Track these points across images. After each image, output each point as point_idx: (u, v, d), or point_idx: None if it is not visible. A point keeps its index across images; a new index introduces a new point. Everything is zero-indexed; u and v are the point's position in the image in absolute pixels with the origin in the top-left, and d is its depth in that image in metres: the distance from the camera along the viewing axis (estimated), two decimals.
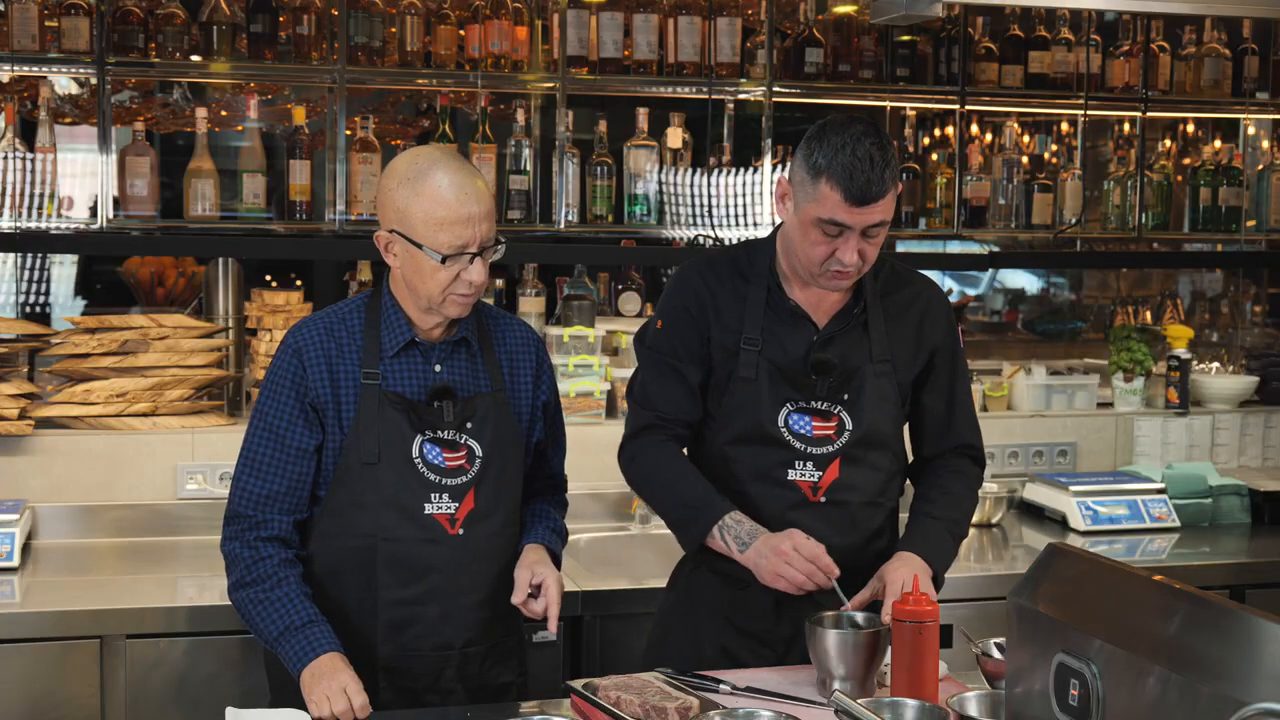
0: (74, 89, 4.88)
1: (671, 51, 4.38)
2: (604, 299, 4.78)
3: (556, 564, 2.69)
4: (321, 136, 4.43)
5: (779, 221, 2.72)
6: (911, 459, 2.88)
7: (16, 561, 3.40)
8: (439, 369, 2.59)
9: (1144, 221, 4.85)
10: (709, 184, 4.43)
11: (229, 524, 2.58)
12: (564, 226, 4.32)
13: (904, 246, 4.89)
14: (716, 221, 4.41)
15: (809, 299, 2.70)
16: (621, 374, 4.02)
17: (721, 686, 2.48)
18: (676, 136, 4.46)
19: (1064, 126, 5.23)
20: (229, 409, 4.08)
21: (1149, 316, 5.46)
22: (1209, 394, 4.69)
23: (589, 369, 4.16)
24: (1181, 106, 5.02)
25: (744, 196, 4.43)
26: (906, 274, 2.82)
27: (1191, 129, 5.42)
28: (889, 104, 4.78)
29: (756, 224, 4.42)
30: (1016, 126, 4.89)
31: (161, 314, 4.03)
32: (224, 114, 4.82)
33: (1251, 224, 5.05)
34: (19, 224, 3.93)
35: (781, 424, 2.67)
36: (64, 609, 3.13)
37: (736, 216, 4.44)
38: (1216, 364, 4.92)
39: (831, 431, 2.68)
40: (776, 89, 4.42)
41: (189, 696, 3.12)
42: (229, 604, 2.59)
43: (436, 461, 2.55)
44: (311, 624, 2.47)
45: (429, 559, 2.54)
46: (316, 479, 2.58)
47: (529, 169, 4.31)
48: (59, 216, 3.98)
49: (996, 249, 4.84)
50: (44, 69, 4.11)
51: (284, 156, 4.19)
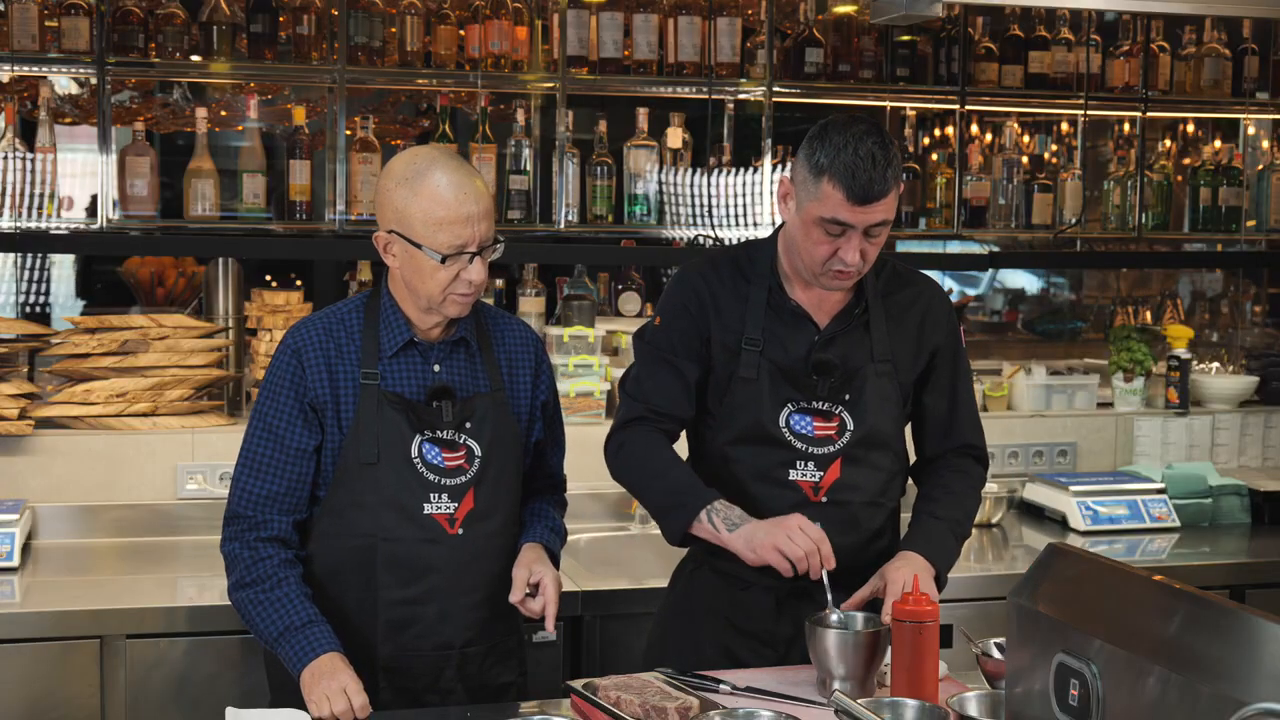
0: (74, 89, 4.88)
1: (671, 51, 4.38)
2: (604, 299, 4.78)
3: (555, 563, 2.69)
4: (321, 136, 4.43)
5: (779, 222, 2.72)
6: (914, 459, 2.87)
7: (16, 561, 3.40)
8: (438, 369, 2.60)
9: (1144, 221, 4.85)
10: (709, 184, 4.42)
11: (228, 524, 2.59)
12: (564, 226, 4.32)
13: (904, 246, 4.89)
14: (716, 221, 4.41)
15: (810, 299, 2.70)
16: (622, 374, 4.01)
17: (721, 686, 2.48)
18: (676, 136, 4.46)
19: (1064, 126, 5.23)
20: (229, 409, 4.08)
21: (1149, 316, 5.46)
22: (1209, 394, 4.69)
23: (589, 369, 4.16)
24: (1181, 106, 5.02)
25: (744, 196, 4.43)
26: (908, 274, 2.82)
27: (1191, 129, 5.42)
28: (889, 104, 4.78)
29: (756, 224, 4.42)
30: (1016, 126, 4.89)
31: (161, 314, 4.03)
32: (224, 114, 4.82)
33: (1251, 224, 5.05)
34: (19, 224, 3.93)
35: (782, 424, 2.67)
36: (64, 609, 3.13)
37: (736, 216, 4.43)
38: (1216, 364, 4.92)
39: (833, 432, 2.68)
40: (776, 89, 4.42)
41: (189, 696, 3.12)
42: (229, 604, 2.59)
43: (436, 461, 2.55)
44: (311, 624, 2.48)
45: (429, 559, 2.54)
46: (316, 479, 2.58)
47: (529, 169, 4.31)
48: (59, 216, 3.98)
49: (996, 249, 4.84)
50: (44, 69, 4.11)
51: (284, 156, 4.20)
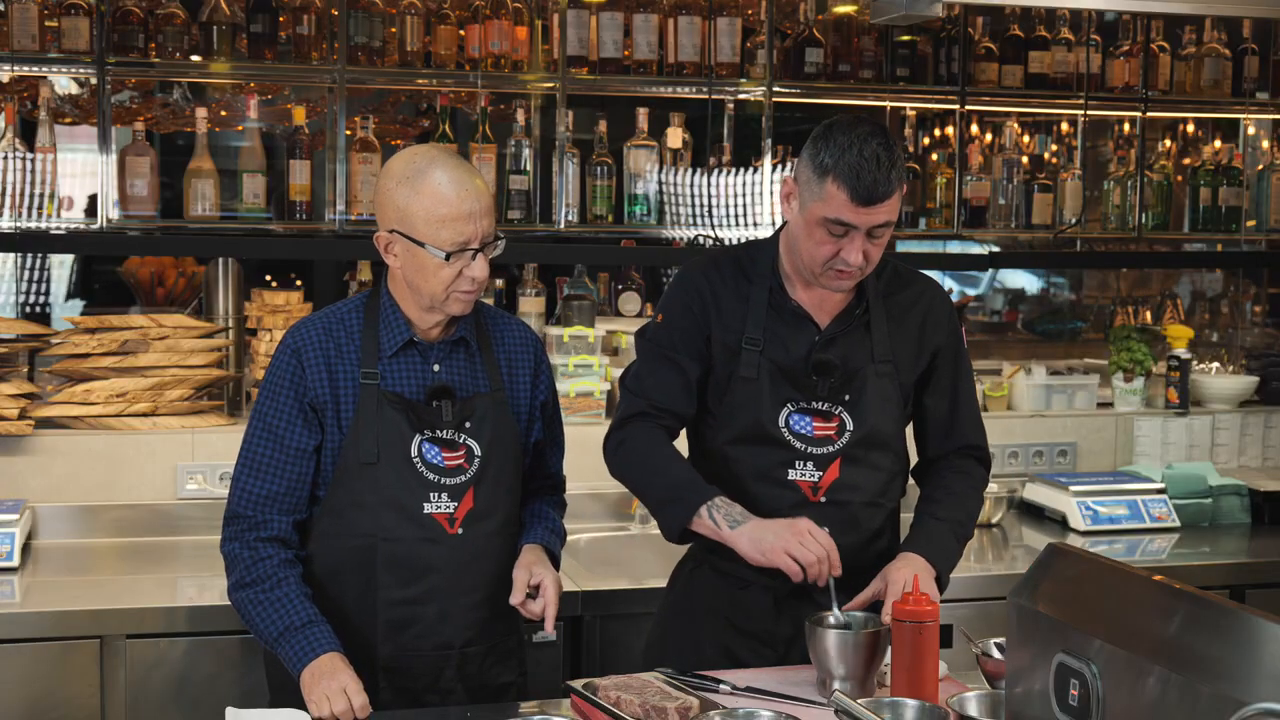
0: (74, 89, 4.88)
1: (671, 51, 4.38)
2: (604, 299, 4.78)
3: (555, 564, 2.69)
4: (321, 136, 4.43)
5: (779, 222, 2.72)
6: (916, 460, 2.87)
7: (16, 561, 3.40)
8: (437, 369, 2.60)
9: (1144, 221, 4.85)
10: (709, 184, 4.42)
11: (228, 524, 2.59)
12: (564, 226, 4.32)
13: (904, 246, 4.89)
14: (716, 221, 4.41)
15: (811, 299, 2.70)
16: (622, 371, 4.01)
17: (721, 686, 2.48)
18: (676, 136, 4.46)
19: (1064, 126, 5.23)
20: (229, 409, 4.08)
21: (1149, 316, 5.46)
22: (1209, 394, 4.69)
23: (589, 369, 4.16)
24: (1181, 106, 5.02)
25: (744, 196, 4.43)
26: (909, 274, 2.82)
27: (1191, 129, 5.42)
28: (889, 104, 4.77)
29: (756, 224, 4.42)
30: (1016, 126, 4.89)
31: (161, 314, 4.03)
32: (224, 114, 4.82)
33: (1251, 224, 5.05)
34: (19, 224, 3.93)
35: (782, 424, 2.67)
36: (64, 609, 3.13)
37: (736, 216, 4.43)
38: (1216, 364, 4.92)
39: (832, 432, 2.68)
40: (776, 89, 4.42)
41: (189, 696, 3.12)
42: (229, 604, 2.59)
43: (435, 461, 2.55)
44: (311, 624, 2.48)
45: (428, 558, 2.54)
46: (316, 479, 2.58)
47: (529, 169, 4.31)
48: (59, 216, 3.98)
49: (996, 249, 4.84)
50: (44, 69, 4.11)
51: (284, 156, 4.20)
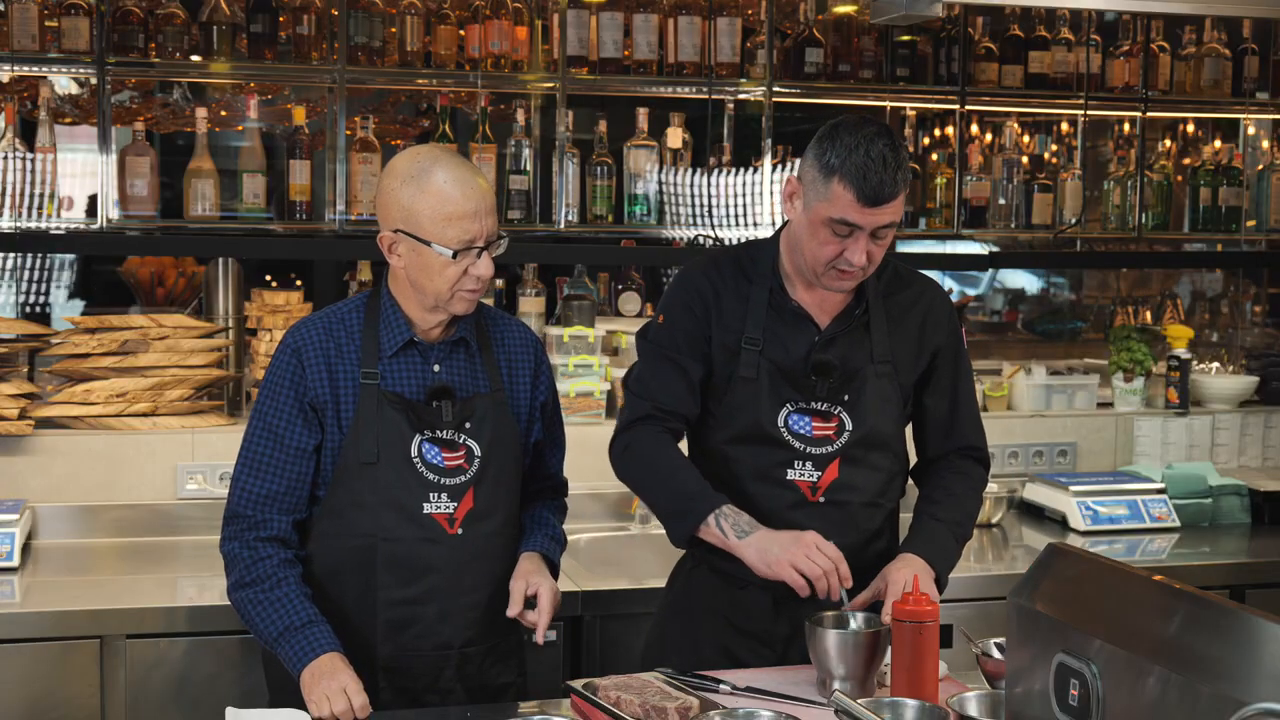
0: (74, 89, 4.88)
1: (671, 51, 4.38)
2: (604, 299, 4.78)
3: (554, 572, 2.69)
4: (321, 136, 4.43)
5: (779, 222, 2.72)
6: (915, 460, 2.87)
7: (16, 561, 3.40)
8: (438, 369, 2.60)
9: (1144, 221, 4.85)
10: (709, 184, 4.42)
11: (228, 524, 2.59)
12: (564, 226, 4.32)
13: (904, 246, 4.88)
14: (716, 221, 4.41)
15: (811, 299, 2.70)
16: (622, 374, 4.01)
17: (721, 686, 2.48)
18: (676, 136, 4.46)
19: (1064, 126, 5.23)
20: (229, 409, 4.08)
21: (1149, 316, 5.46)
22: (1209, 394, 4.69)
23: (589, 369, 4.16)
24: (1181, 106, 5.02)
25: (744, 196, 4.43)
26: (909, 275, 2.82)
27: (1191, 129, 5.42)
28: (889, 104, 4.77)
29: (756, 224, 4.42)
30: (1016, 126, 4.89)
31: (161, 314, 4.02)
32: (224, 114, 4.82)
33: (1251, 224, 5.05)
34: (19, 224, 3.93)
35: (781, 424, 2.67)
36: (64, 609, 3.13)
37: (736, 216, 4.43)
38: (1216, 364, 4.92)
39: (831, 432, 2.68)
40: (776, 89, 4.42)
41: (189, 696, 3.12)
42: (229, 604, 2.59)
43: (435, 461, 2.55)
44: (311, 624, 2.48)
45: (428, 558, 2.55)
46: (316, 479, 2.58)
47: (529, 169, 4.31)
48: (59, 216, 3.98)
49: (996, 249, 4.84)
50: (44, 69, 4.11)
51: (284, 156, 4.20)
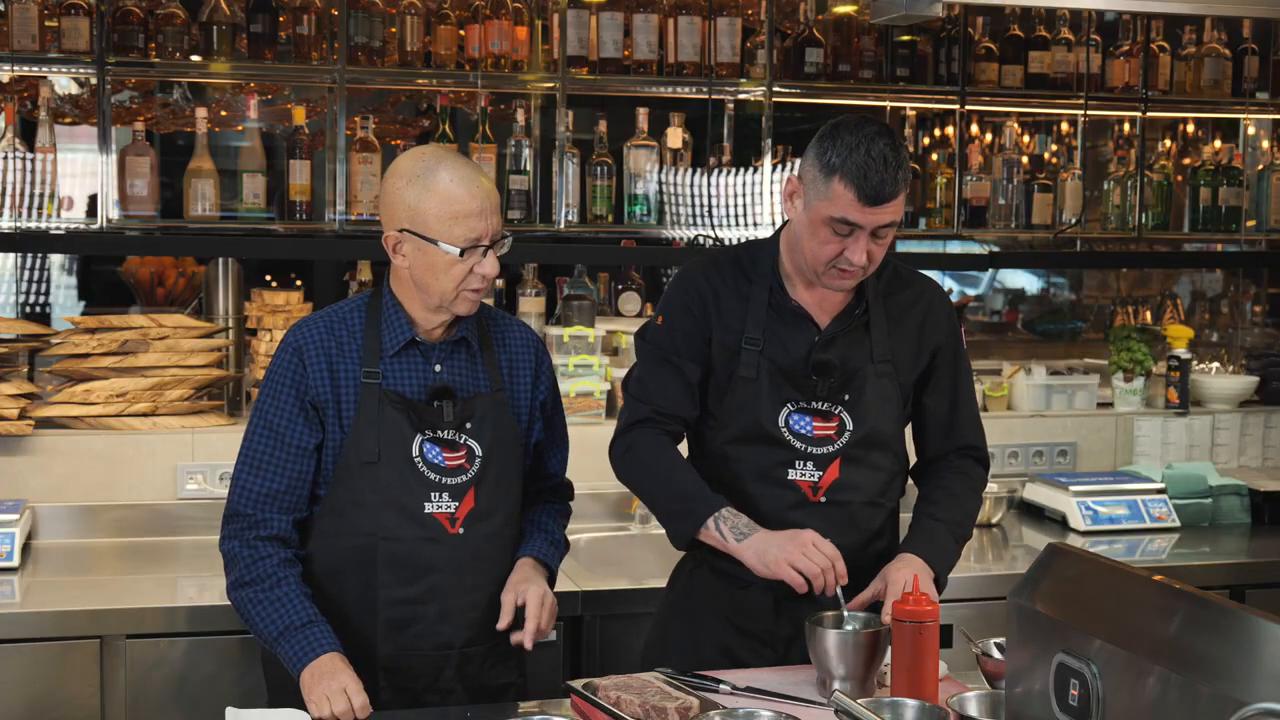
0: (74, 89, 4.88)
1: (671, 51, 4.38)
2: (604, 299, 4.78)
3: (551, 579, 2.69)
4: (321, 136, 4.43)
5: (779, 222, 2.72)
6: (915, 460, 2.88)
7: (16, 561, 3.40)
8: (439, 369, 2.60)
9: (1144, 221, 4.85)
10: (709, 184, 4.42)
11: (228, 522, 2.59)
12: (564, 226, 4.32)
13: (904, 246, 4.89)
14: (716, 221, 4.41)
15: (811, 299, 2.71)
16: (622, 374, 4.01)
17: (721, 686, 2.48)
18: (676, 136, 4.46)
19: (1064, 126, 5.23)
20: (229, 409, 4.08)
21: (1149, 316, 5.46)
22: (1209, 394, 4.69)
23: (589, 369, 4.16)
24: (1181, 106, 5.02)
25: (744, 196, 4.43)
26: (909, 275, 2.82)
27: (1191, 129, 5.42)
28: (889, 104, 4.77)
29: (756, 224, 4.42)
30: (1016, 126, 4.89)
31: (161, 314, 4.03)
32: (224, 114, 4.82)
33: (1251, 224, 5.05)
34: (19, 224, 3.93)
35: (781, 424, 2.67)
36: (64, 609, 3.13)
37: (736, 216, 4.43)
38: (1216, 364, 4.92)
39: (832, 432, 2.68)
40: (776, 89, 4.42)
41: (189, 696, 3.12)
42: (229, 604, 2.59)
43: (436, 461, 2.55)
44: (311, 624, 2.48)
45: (429, 558, 2.55)
46: (316, 478, 2.58)
47: (529, 169, 4.31)
48: (59, 216, 3.98)
49: (996, 249, 4.84)
50: (44, 69, 4.11)
51: (284, 156, 4.20)
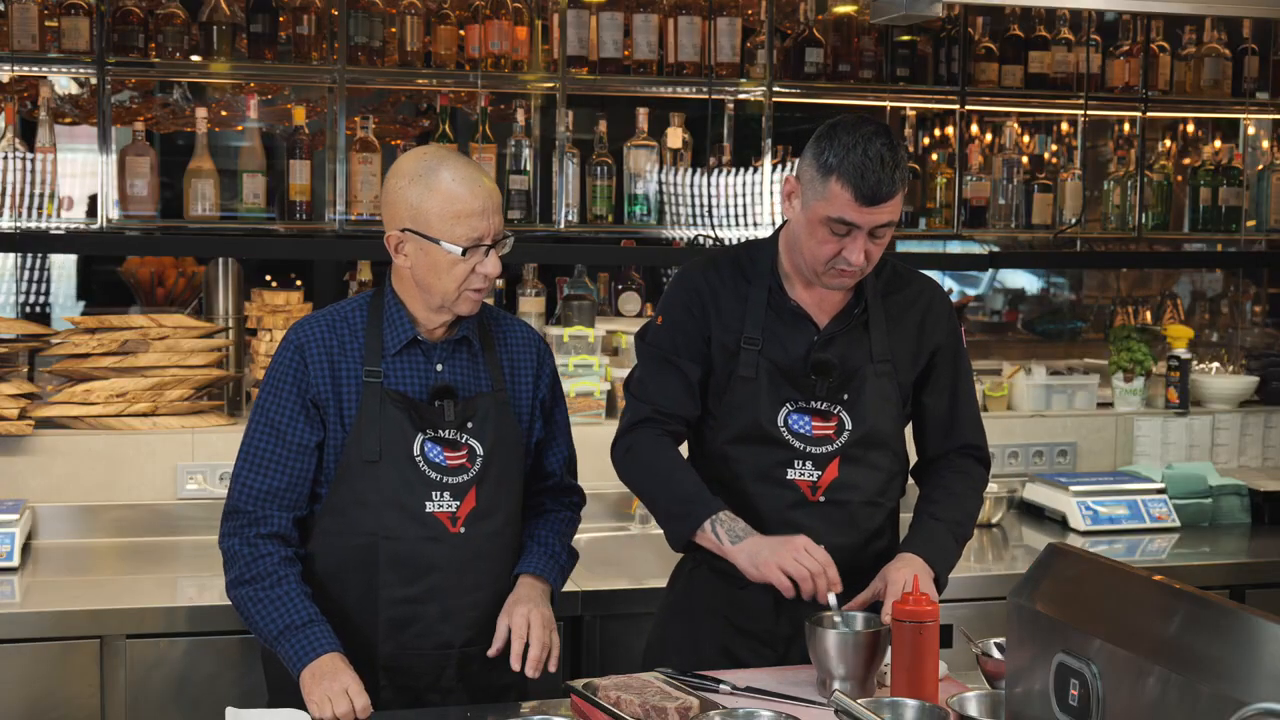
0: (74, 89, 4.88)
1: (671, 51, 4.38)
2: (604, 299, 4.78)
3: (553, 597, 2.68)
4: (321, 136, 4.43)
5: (779, 222, 2.72)
6: (916, 460, 2.88)
7: (16, 561, 3.40)
8: (440, 368, 2.60)
9: (1144, 221, 4.85)
10: (709, 184, 4.42)
11: (227, 519, 2.58)
12: (564, 226, 4.32)
13: (904, 246, 4.89)
14: (716, 221, 4.41)
15: (810, 299, 2.71)
16: (621, 374, 4.01)
17: (721, 686, 2.48)
18: (676, 136, 4.46)
19: (1064, 126, 5.23)
20: (229, 409, 4.08)
21: (1149, 316, 5.46)
22: (1209, 394, 4.69)
23: (589, 369, 4.16)
24: (1181, 106, 5.02)
25: (744, 196, 4.43)
26: (908, 274, 2.82)
27: (1191, 129, 5.42)
28: (889, 104, 4.77)
29: (756, 224, 4.42)
30: (1016, 126, 4.89)
31: (161, 314, 4.03)
32: (224, 114, 4.82)
33: (1251, 224, 5.05)
34: (19, 224, 3.93)
35: (781, 423, 2.67)
36: (64, 609, 3.13)
37: (736, 216, 4.43)
38: (1216, 364, 4.92)
39: (831, 431, 2.68)
40: (776, 89, 4.42)
41: (189, 696, 3.12)
42: (229, 604, 2.59)
43: (438, 460, 2.55)
44: (312, 623, 2.48)
45: (430, 557, 2.55)
46: (318, 477, 2.58)
47: (529, 169, 4.31)
48: (59, 216, 3.98)
49: (996, 249, 4.84)
50: (44, 69, 4.11)
51: (284, 156, 4.20)
